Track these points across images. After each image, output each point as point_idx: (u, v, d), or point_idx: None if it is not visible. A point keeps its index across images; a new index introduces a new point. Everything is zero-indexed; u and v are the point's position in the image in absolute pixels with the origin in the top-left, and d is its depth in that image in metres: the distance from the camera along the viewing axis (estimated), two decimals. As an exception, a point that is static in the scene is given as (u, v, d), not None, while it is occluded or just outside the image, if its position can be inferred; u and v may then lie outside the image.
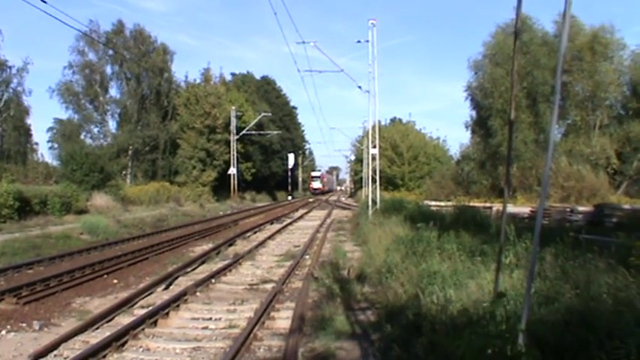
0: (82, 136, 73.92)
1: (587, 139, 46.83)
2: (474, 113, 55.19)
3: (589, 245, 11.76)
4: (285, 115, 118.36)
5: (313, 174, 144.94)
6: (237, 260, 21.18)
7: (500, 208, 25.20)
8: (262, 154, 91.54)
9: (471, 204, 31.40)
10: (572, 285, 9.53)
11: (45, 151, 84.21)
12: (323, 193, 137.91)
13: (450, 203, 34.33)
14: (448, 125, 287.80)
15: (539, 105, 46.38)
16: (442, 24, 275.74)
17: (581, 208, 29.25)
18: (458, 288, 10.50)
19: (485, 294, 9.67)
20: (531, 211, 28.69)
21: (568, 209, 29.30)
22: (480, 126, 52.63)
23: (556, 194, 38.91)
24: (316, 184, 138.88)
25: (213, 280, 17.42)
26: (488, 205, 32.97)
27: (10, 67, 65.64)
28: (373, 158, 41.59)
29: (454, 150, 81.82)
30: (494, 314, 7.44)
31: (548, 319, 7.84)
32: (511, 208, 29.32)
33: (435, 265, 12.62)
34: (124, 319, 12.34)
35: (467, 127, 57.95)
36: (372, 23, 38.00)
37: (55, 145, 75.73)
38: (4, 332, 11.88)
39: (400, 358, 8.80)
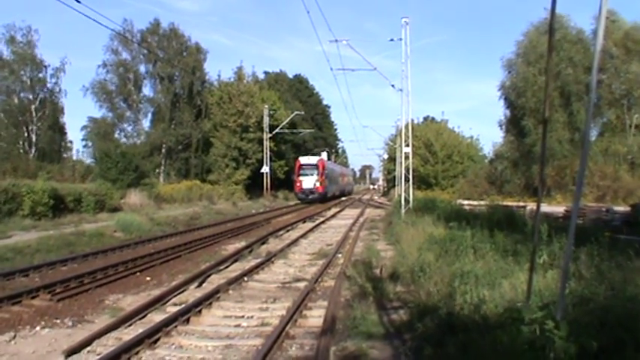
0: (115, 135, 74.65)
1: (623, 138, 46.27)
2: (507, 112, 54.69)
3: (626, 245, 11.63)
4: (317, 114, 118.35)
5: (304, 161, 76.77)
6: (269, 258, 21.21)
7: (534, 208, 25.00)
8: (295, 152, 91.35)
9: (505, 203, 31.19)
10: (607, 285, 9.42)
11: (79, 150, 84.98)
12: (324, 199, 76.02)
13: (483, 202, 34.14)
14: (481, 124, 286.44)
15: (573, 104, 45.92)
16: (475, 22, 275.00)
17: (617, 208, 28.87)
18: (491, 288, 10.43)
19: (518, 294, 9.59)
20: (566, 210, 28.37)
21: (604, 209, 28.94)
22: (514, 125, 52.17)
23: (591, 193, 38.49)
24: (308, 182, 74.12)
25: (245, 279, 17.44)
26: (521, 204, 32.66)
27: (46, 67, 66.39)
28: (406, 157, 41.44)
29: (487, 149, 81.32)
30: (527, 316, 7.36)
31: (583, 319, 7.75)
32: (545, 208, 29.08)
33: (469, 264, 12.58)
34: (156, 317, 12.39)
35: (500, 126, 57.57)
36: (405, 21, 37.82)
37: (90, 144, 76.54)
38: (38, 328, 11.99)
39: (432, 358, 8.74)
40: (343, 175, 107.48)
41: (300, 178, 74.70)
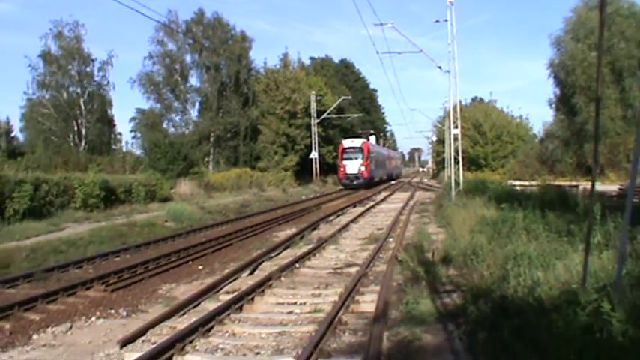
0: (164, 125, 75.66)
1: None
2: (557, 90, 54.01)
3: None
4: (364, 98, 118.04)
5: (347, 144, 70.79)
6: (320, 244, 21.15)
7: (587, 187, 24.60)
8: (343, 137, 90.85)
9: (556, 183, 30.82)
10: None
11: (128, 141, 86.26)
12: (369, 185, 69.62)
13: (534, 183, 33.77)
14: (530, 103, 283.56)
15: (625, 80, 45.14)
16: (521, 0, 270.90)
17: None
18: (545, 269, 10.28)
19: (573, 275, 9.44)
20: (620, 189, 27.96)
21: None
22: (564, 103, 51.50)
23: (646, 171, 37.79)
24: (352, 167, 67.98)
25: (297, 265, 17.43)
26: (574, 183, 32.25)
27: (93, 61, 67.24)
28: (455, 139, 41.08)
29: (537, 128, 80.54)
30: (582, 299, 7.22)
31: (640, 302, 7.60)
32: (598, 187, 28.59)
33: (521, 246, 12.40)
34: (209, 305, 12.44)
35: (550, 104, 56.90)
36: (450, 2, 37.41)
37: (138, 135, 77.59)
38: (93, 318, 12.14)
39: (486, 342, 8.64)
40: (390, 158, 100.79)
41: (344, 162, 68.85)
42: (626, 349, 5.94)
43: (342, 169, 69.09)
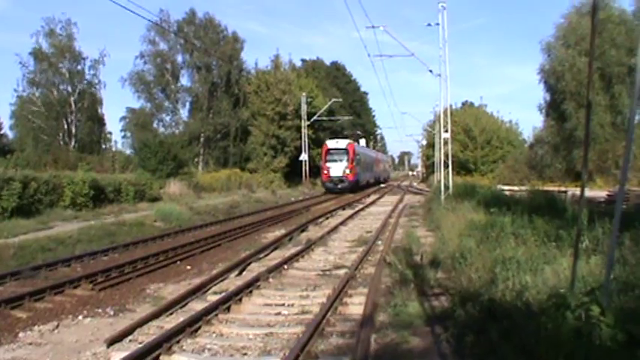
0: (154, 125, 75.66)
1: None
2: (547, 96, 54.21)
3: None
4: (355, 101, 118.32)
5: (331, 145, 66.85)
6: (309, 246, 21.17)
7: (576, 193, 24.66)
8: (333, 139, 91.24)
9: (545, 188, 30.89)
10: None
11: (118, 140, 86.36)
12: (355, 188, 64.93)
13: (523, 188, 33.85)
14: (520, 108, 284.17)
15: (614, 86, 45.30)
16: (513, 5, 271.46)
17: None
18: (533, 274, 10.30)
19: (561, 280, 9.46)
20: (608, 195, 28.04)
21: (648, 193, 28.50)
22: (554, 109, 51.67)
23: (635, 178, 37.92)
24: (336, 170, 63.64)
25: (285, 266, 17.38)
26: (562, 189, 32.32)
27: (84, 59, 67.18)
28: (445, 143, 41.12)
29: (527, 133, 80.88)
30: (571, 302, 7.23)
31: (628, 306, 7.61)
32: (587, 192, 28.63)
33: (510, 250, 12.43)
34: (197, 305, 12.41)
35: (540, 110, 57.08)
36: (442, 6, 37.35)
37: (128, 134, 77.60)
38: (80, 317, 12.09)
39: (474, 345, 8.65)
40: (378, 160, 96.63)
41: (328, 164, 64.05)
42: (616, 354, 5.96)
43: (325, 172, 64.81)
